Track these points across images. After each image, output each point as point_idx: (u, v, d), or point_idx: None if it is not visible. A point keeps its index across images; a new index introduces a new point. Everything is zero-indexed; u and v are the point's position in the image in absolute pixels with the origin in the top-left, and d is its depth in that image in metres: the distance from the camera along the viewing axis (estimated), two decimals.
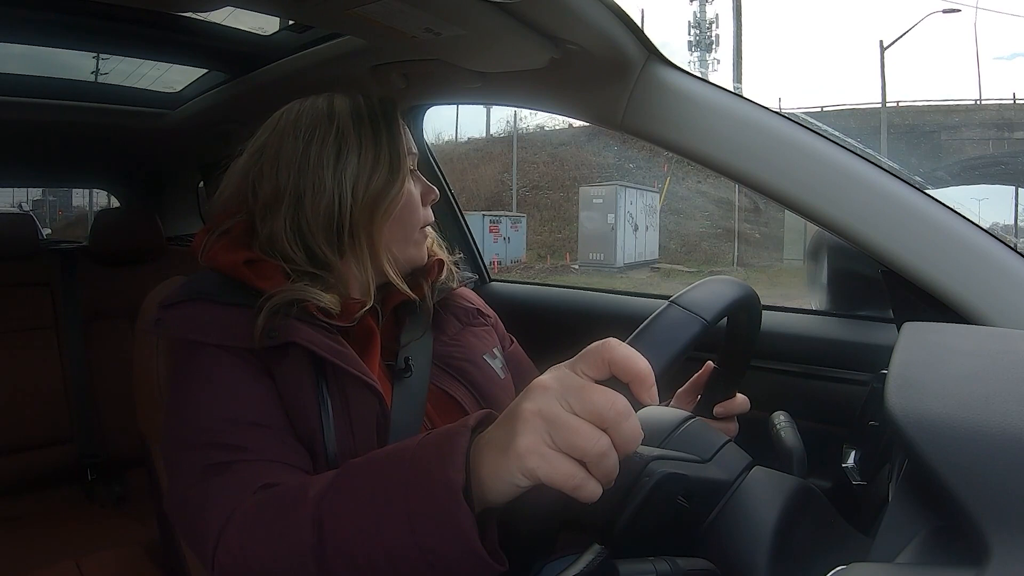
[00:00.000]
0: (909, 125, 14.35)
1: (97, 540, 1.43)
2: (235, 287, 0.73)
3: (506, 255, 13.52)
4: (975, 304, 0.72)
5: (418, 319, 0.84)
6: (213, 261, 0.76)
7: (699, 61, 18.15)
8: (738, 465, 0.63)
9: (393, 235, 0.80)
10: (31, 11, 1.16)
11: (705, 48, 18.30)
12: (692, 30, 18.37)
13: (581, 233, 13.65)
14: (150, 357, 0.84)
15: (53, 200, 17.18)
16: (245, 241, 0.78)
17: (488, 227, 13.22)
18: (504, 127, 18.30)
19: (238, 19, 1.20)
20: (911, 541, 0.43)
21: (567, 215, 14.60)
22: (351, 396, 0.72)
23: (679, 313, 0.59)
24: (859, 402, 0.74)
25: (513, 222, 14.36)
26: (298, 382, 0.70)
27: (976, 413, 0.43)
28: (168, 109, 1.73)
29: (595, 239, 13.26)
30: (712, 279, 0.67)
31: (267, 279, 0.73)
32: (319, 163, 0.76)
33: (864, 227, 0.77)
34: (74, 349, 1.69)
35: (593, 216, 13.33)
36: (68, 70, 1.54)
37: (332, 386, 0.71)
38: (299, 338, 0.69)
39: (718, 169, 0.84)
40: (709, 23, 18.27)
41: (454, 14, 0.76)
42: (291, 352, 0.70)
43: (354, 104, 0.79)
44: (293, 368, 0.71)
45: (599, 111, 0.93)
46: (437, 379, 0.81)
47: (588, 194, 13.66)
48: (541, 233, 15.40)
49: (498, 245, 13.42)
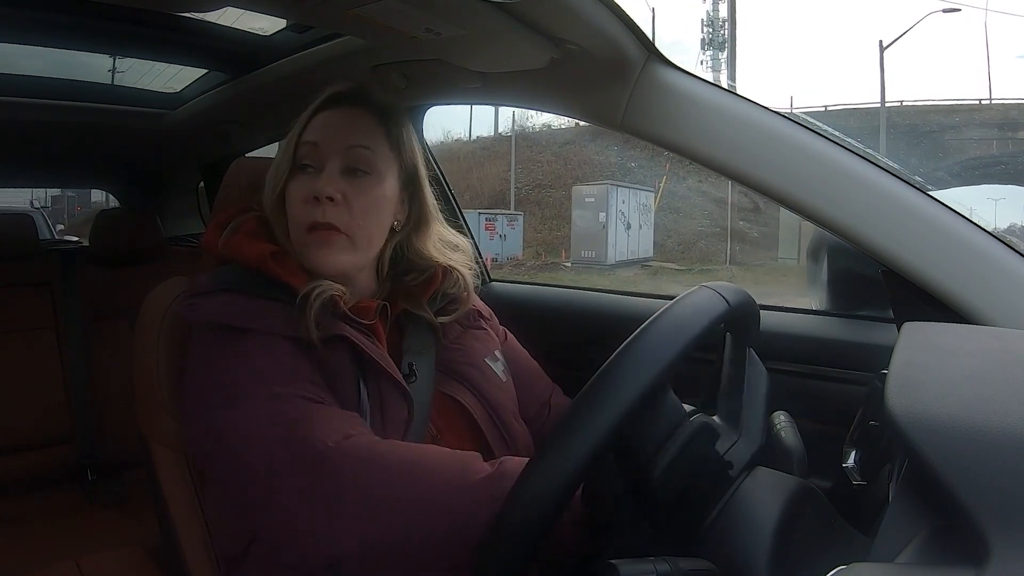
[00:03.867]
0: (910, 125, 14.34)
1: (97, 540, 1.43)
2: (261, 281, 0.74)
3: (502, 252, 13.57)
4: (975, 304, 0.72)
5: (420, 325, 0.84)
6: (237, 253, 0.76)
7: (711, 59, 18.19)
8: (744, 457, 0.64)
9: (290, 230, 0.78)
10: (31, 11, 1.16)
11: (717, 47, 18.27)
12: (704, 28, 18.39)
13: (574, 231, 13.77)
14: (150, 357, 0.84)
15: (72, 196, 17.31)
16: (261, 234, 0.78)
17: (484, 225, 13.26)
18: (512, 126, 18.41)
19: (238, 19, 1.20)
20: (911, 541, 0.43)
21: (567, 213, 14.68)
22: (386, 397, 0.73)
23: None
24: (859, 402, 0.74)
25: (510, 220, 14.44)
26: (342, 376, 0.72)
27: (976, 413, 0.43)
28: (168, 109, 1.73)
29: (587, 237, 13.35)
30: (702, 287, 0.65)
31: (292, 274, 0.74)
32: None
33: (864, 227, 0.77)
34: (74, 349, 1.69)
35: (585, 215, 13.43)
36: (68, 70, 1.54)
37: (371, 385, 0.73)
38: (347, 333, 0.71)
39: (718, 169, 0.84)
40: (722, 22, 18.27)
41: (454, 14, 0.76)
42: (336, 347, 0.72)
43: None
44: (338, 362, 0.72)
45: (599, 111, 0.93)
46: (441, 384, 0.81)
47: (580, 193, 13.75)
48: (542, 231, 15.47)
49: (494, 243, 13.40)
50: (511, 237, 14.16)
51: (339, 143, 0.77)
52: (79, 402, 1.67)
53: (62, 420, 1.65)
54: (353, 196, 0.76)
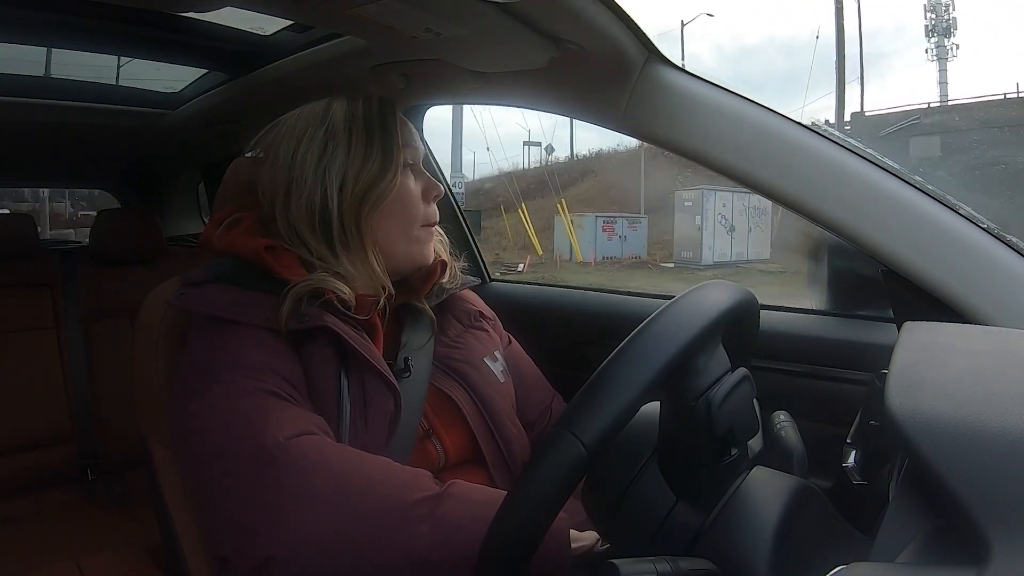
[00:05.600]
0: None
1: (97, 540, 1.43)
2: (256, 274, 0.75)
3: (622, 252, 14.61)
4: (975, 304, 0.72)
5: (419, 320, 0.85)
6: (232, 246, 0.77)
7: (936, 47, 17.12)
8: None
9: (390, 230, 0.80)
10: (30, 11, 1.16)
11: (943, 32, 17.14)
12: (928, 14, 17.29)
13: (675, 233, 14.50)
14: (150, 357, 0.84)
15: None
16: (258, 231, 0.79)
17: (601, 226, 14.54)
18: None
19: (238, 19, 1.20)
20: (911, 541, 0.43)
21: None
22: (369, 390, 0.73)
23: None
24: (859, 402, 0.74)
25: (630, 222, 15.33)
26: (322, 368, 0.72)
27: (976, 412, 0.43)
28: (168, 109, 1.73)
29: (686, 239, 14.05)
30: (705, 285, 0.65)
31: (287, 267, 0.75)
32: (303, 161, 0.78)
33: (864, 227, 0.77)
34: (74, 349, 1.69)
35: (684, 218, 14.13)
36: (68, 70, 1.54)
37: (353, 377, 0.73)
38: (330, 323, 0.71)
39: (718, 169, 0.84)
40: (945, 6, 17.15)
41: (454, 14, 0.76)
42: (319, 338, 0.72)
43: (350, 105, 0.81)
44: (319, 353, 0.72)
45: (599, 111, 0.93)
46: (436, 380, 0.82)
47: (680, 198, 14.47)
48: (669, 234, 15.84)
49: (612, 243, 14.64)
50: (632, 238, 15.09)
51: (420, 147, 0.84)
52: (79, 402, 1.67)
53: (62, 420, 1.65)
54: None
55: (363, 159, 0.78)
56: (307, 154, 0.78)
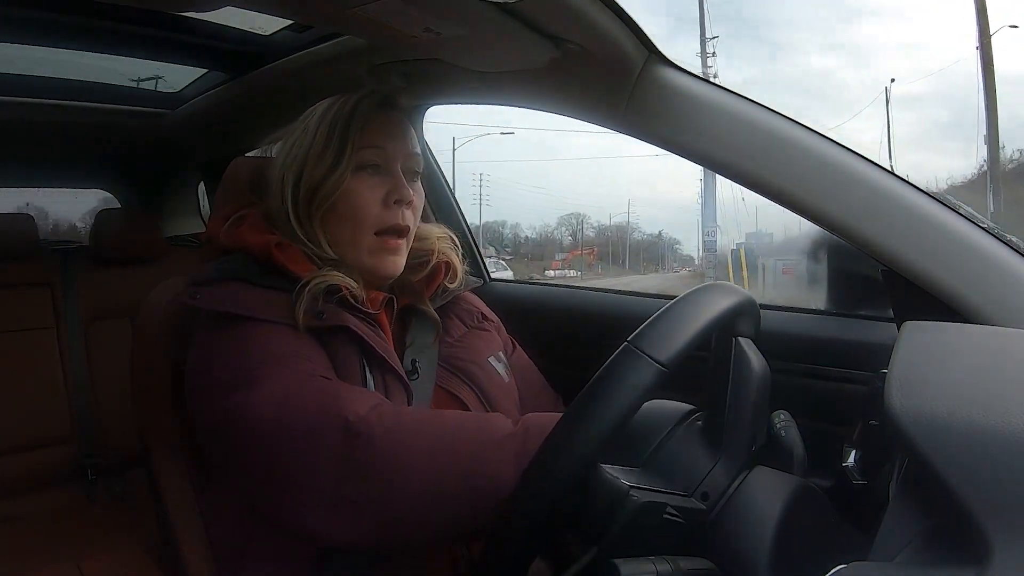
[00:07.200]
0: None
1: (97, 540, 1.43)
2: (267, 270, 0.75)
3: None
4: (976, 303, 0.72)
5: (423, 321, 0.84)
6: (241, 242, 0.77)
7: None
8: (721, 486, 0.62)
9: (342, 234, 0.78)
10: (30, 11, 1.16)
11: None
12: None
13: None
14: (150, 356, 0.84)
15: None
16: (264, 226, 0.79)
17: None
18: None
19: (238, 19, 1.20)
20: (911, 541, 0.43)
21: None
22: (390, 388, 0.74)
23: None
24: (859, 402, 0.74)
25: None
26: (348, 364, 0.72)
27: (976, 412, 0.43)
28: (168, 109, 1.73)
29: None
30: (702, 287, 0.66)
31: (295, 262, 0.75)
32: (281, 155, 0.80)
33: (864, 226, 0.77)
34: (74, 349, 1.68)
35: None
36: (68, 70, 1.53)
37: (376, 375, 0.74)
38: (350, 323, 0.72)
39: (718, 169, 0.84)
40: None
41: (454, 14, 0.76)
42: (340, 336, 0.73)
43: (332, 102, 0.81)
44: (341, 350, 0.73)
45: (599, 111, 0.93)
46: (442, 381, 0.82)
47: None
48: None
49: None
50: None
51: (404, 148, 0.80)
52: (79, 402, 1.66)
53: (62, 420, 1.64)
54: (415, 200, 0.81)
55: (318, 157, 0.78)
56: (285, 148, 0.81)
